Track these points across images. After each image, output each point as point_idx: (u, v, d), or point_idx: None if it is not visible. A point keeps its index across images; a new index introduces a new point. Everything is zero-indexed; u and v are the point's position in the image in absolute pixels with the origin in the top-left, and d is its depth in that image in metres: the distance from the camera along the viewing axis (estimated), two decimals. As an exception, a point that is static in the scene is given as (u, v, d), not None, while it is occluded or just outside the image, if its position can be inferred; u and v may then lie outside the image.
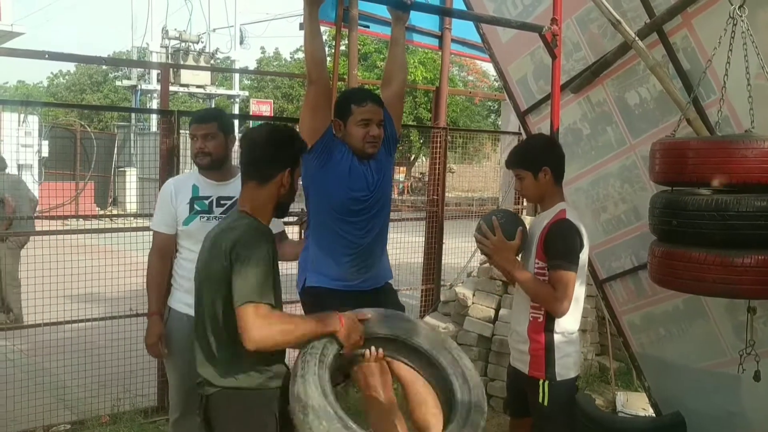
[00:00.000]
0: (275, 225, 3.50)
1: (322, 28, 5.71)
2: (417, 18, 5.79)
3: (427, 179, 6.13)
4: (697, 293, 3.31)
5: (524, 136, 4.67)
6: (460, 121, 26.87)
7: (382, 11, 5.07)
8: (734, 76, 3.24)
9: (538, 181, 3.04)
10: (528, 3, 4.28)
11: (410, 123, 28.63)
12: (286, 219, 3.66)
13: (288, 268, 3.27)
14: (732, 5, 3.18)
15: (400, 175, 20.78)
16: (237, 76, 23.00)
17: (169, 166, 4.42)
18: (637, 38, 3.63)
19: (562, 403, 2.98)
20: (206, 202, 3.33)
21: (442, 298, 5.72)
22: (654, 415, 4.29)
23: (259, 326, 2.17)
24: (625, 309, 4.27)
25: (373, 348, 2.59)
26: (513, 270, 2.98)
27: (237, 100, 22.78)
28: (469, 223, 6.58)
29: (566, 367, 2.97)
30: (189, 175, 3.56)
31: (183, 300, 3.28)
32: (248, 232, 2.33)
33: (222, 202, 3.33)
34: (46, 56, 4.06)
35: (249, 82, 34.71)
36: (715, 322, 3.82)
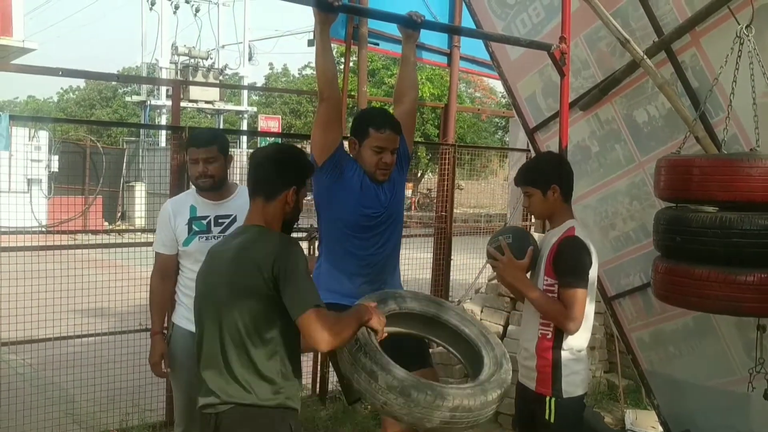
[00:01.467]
0: None
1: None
2: (426, 36, 5.82)
3: (435, 195, 6.15)
4: (700, 310, 3.31)
5: (532, 153, 4.69)
6: (467, 137, 26.92)
7: (392, 29, 5.11)
8: (742, 95, 3.26)
9: (547, 198, 3.05)
10: (537, 21, 4.31)
11: (418, 139, 28.76)
12: (296, 235, 3.69)
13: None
14: (739, 25, 3.21)
15: (407, 190, 20.79)
16: (246, 91, 23.16)
17: (179, 181, 4.44)
18: (645, 57, 3.66)
19: (569, 420, 2.97)
20: (204, 222, 3.38)
21: (451, 314, 5.69)
22: (663, 433, 4.27)
23: (328, 328, 2.25)
24: (634, 326, 4.26)
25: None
26: (523, 288, 2.99)
27: (245, 115, 22.89)
28: (477, 240, 6.60)
29: (573, 384, 2.96)
30: (186, 195, 3.59)
31: (186, 316, 3.29)
32: (281, 243, 2.38)
33: (220, 221, 3.37)
34: (60, 73, 4.10)
35: (257, 97, 34.88)
36: (725, 340, 3.81)
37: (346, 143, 3.24)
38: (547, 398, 2.95)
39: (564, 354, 2.95)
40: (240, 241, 2.44)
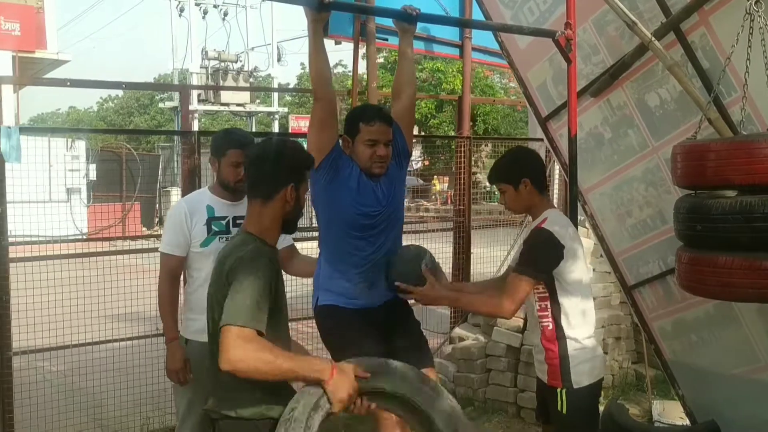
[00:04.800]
0: (283, 239, 3.50)
1: (342, 44, 5.81)
2: (437, 28, 5.78)
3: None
4: (726, 299, 3.22)
5: (547, 143, 4.62)
6: (501, 128, 26.67)
7: (401, 23, 5.07)
8: (755, 73, 3.15)
9: (520, 192, 3.03)
10: (544, 8, 4.23)
11: (451, 132, 28.65)
12: (307, 236, 3.66)
13: (305, 285, 3.28)
14: (748, 0, 3.10)
15: (443, 184, 20.61)
16: (276, 93, 23.30)
17: (191, 186, 4.47)
18: (653, 38, 3.56)
19: (581, 410, 2.94)
20: (223, 222, 3.30)
21: (471, 309, 5.66)
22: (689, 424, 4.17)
23: (238, 348, 2.08)
24: (656, 315, 4.17)
25: (361, 400, 2.35)
26: (453, 303, 3.01)
27: (277, 116, 23.03)
28: (497, 232, 6.54)
29: (583, 373, 2.92)
30: (200, 194, 3.50)
31: (198, 328, 3.17)
32: (248, 255, 2.28)
33: (238, 221, 3.23)
34: (68, 83, 4.17)
35: (290, 98, 35.09)
36: (747, 327, 3.70)
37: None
38: (558, 390, 2.92)
39: (570, 344, 2.91)
40: (226, 248, 2.41)
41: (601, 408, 5.05)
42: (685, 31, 3.58)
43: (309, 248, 3.91)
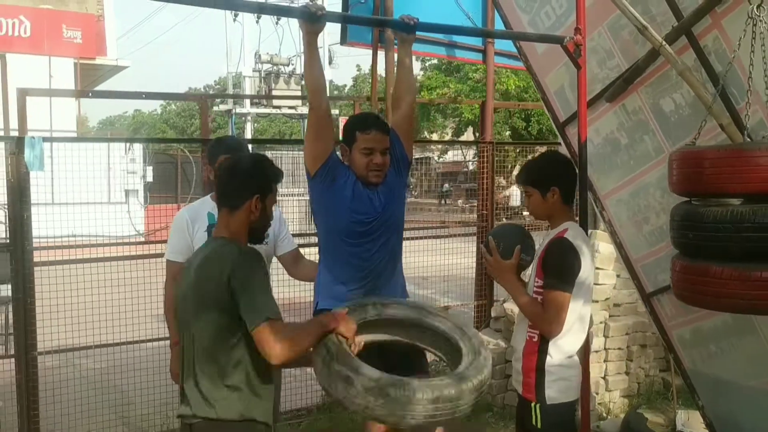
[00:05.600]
0: (287, 244, 3.59)
1: (360, 50, 5.86)
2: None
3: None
4: (717, 309, 3.13)
5: (563, 145, 4.58)
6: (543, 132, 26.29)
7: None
8: (761, 78, 3.06)
9: (546, 200, 2.98)
10: (560, 13, 4.20)
11: (506, 133, 28.35)
12: (310, 241, 3.73)
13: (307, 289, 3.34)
14: (750, 5, 3.02)
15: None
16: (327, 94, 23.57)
17: (210, 192, 4.57)
18: (664, 43, 3.50)
19: (557, 426, 2.88)
20: None
21: (493, 314, 5.65)
22: (710, 435, 4.07)
23: (278, 342, 2.28)
24: (674, 324, 4.09)
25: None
26: (508, 289, 2.96)
27: (329, 118, 23.27)
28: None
29: (560, 390, 2.87)
30: (202, 203, 3.63)
31: None
32: (239, 257, 2.41)
33: None
34: (85, 94, 4.34)
35: (344, 100, 35.36)
36: (765, 337, 3.59)
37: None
38: (533, 404, 2.88)
39: (549, 359, 2.86)
40: (204, 253, 2.51)
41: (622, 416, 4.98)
42: (697, 34, 3.50)
43: (312, 254, 3.97)
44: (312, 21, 2.89)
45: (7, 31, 17.00)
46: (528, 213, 3.17)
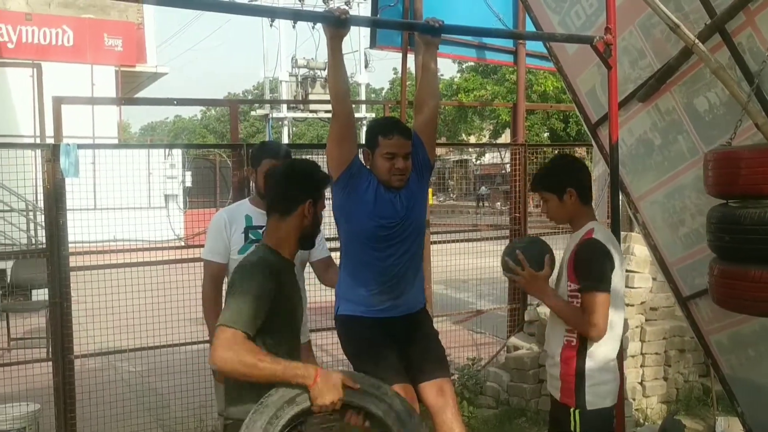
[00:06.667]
0: (320, 251, 3.60)
1: (390, 54, 5.84)
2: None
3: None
4: (756, 314, 3.05)
5: (595, 147, 4.51)
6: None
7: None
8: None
9: (564, 203, 2.94)
10: (591, 12, 4.14)
11: (544, 134, 28.12)
12: (331, 246, 3.75)
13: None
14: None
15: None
16: (364, 98, 23.65)
17: (240, 197, 4.64)
18: (697, 41, 3.42)
19: None
20: (260, 231, 3.41)
21: (526, 318, 5.58)
22: (750, 442, 3.96)
23: (225, 349, 2.22)
24: (712, 328, 3.99)
25: (353, 414, 2.38)
26: (546, 300, 2.90)
27: (365, 122, 23.34)
28: (554, 239, 6.37)
29: (599, 395, 2.82)
30: (240, 205, 3.68)
31: None
32: (252, 263, 2.43)
33: None
34: (118, 101, 4.42)
35: (376, 104, 35.47)
36: (805, 343, 3.49)
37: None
38: (572, 410, 2.83)
39: (588, 363, 2.81)
40: (246, 257, 2.57)
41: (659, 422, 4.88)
42: (731, 32, 3.42)
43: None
44: (336, 25, 2.89)
45: (51, 40, 17.41)
46: (548, 219, 3.10)
